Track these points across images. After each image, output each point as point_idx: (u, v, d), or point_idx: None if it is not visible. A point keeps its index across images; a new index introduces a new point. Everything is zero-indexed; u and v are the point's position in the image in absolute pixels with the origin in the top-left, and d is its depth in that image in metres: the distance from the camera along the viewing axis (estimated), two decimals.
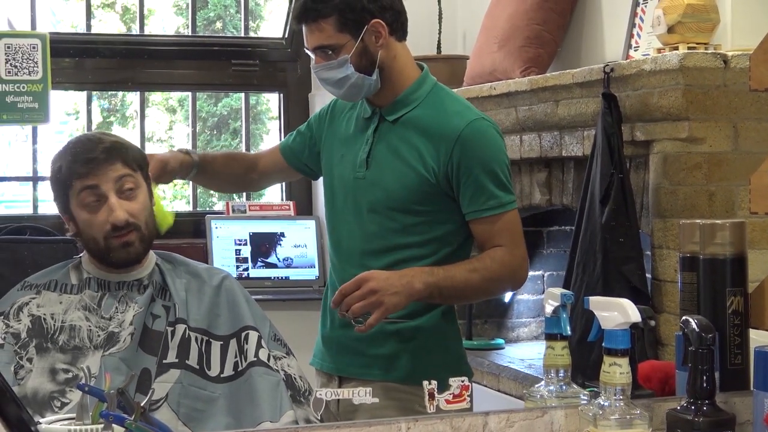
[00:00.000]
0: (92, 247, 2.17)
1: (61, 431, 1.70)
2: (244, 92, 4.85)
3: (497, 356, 3.63)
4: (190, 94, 4.92)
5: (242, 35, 4.96)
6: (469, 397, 1.69)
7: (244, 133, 4.79)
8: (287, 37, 4.61)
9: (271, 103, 5.49)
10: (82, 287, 2.17)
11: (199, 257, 2.78)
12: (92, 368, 2.06)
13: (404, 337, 2.34)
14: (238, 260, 4.28)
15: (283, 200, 4.62)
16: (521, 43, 3.42)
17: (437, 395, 1.67)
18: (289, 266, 4.34)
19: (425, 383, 1.68)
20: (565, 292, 1.77)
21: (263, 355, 2.15)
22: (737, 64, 2.61)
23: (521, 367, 3.42)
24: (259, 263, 4.31)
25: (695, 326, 1.72)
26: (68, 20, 5.55)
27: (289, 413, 2.08)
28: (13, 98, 4.11)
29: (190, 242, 4.26)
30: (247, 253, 4.30)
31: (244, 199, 4.57)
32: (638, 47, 3.08)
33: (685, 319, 1.76)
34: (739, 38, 2.76)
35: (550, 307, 1.78)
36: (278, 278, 4.31)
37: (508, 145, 2.64)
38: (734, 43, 2.76)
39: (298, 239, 4.38)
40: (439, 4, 3.99)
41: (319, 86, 2.48)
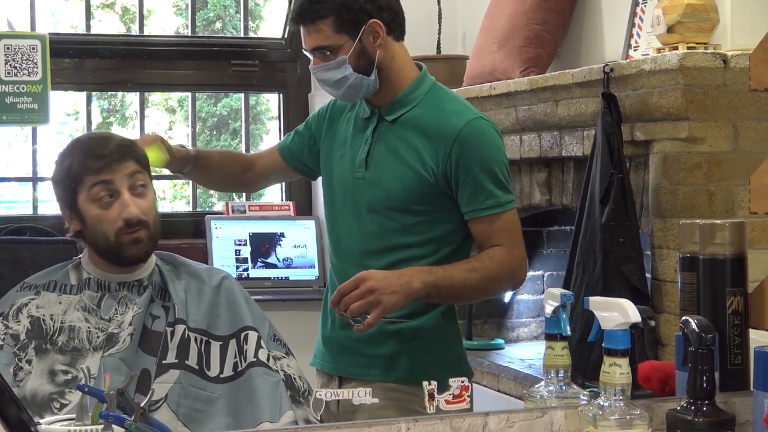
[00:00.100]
0: (101, 243, 2.15)
1: None
2: (243, 92, 4.84)
3: (497, 356, 3.63)
4: (189, 94, 4.91)
5: (242, 35, 4.96)
6: (468, 397, 1.69)
7: (243, 133, 4.78)
8: (287, 37, 4.61)
9: (270, 103, 5.47)
10: (81, 288, 2.16)
11: (198, 257, 2.77)
12: (92, 369, 2.06)
13: (404, 337, 2.34)
14: (237, 260, 4.28)
15: (282, 200, 4.61)
16: (521, 43, 3.42)
17: (437, 395, 1.67)
18: (288, 266, 4.33)
19: (425, 383, 1.68)
20: (565, 292, 1.77)
21: (263, 355, 2.15)
22: (737, 63, 2.60)
23: (521, 367, 3.42)
24: (258, 263, 4.31)
25: (695, 326, 1.72)
26: (68, 21, 5.54)
27: (288, 413, 2.08)
28: (12, 99, 4.11)
29: (189, 242, 4.26)
30: (246, 253, 4.30)
31: (243, 199, 4.57)
32: (638, 47, 3.08)
33: (685, 319, 1.76)
34: (738, 38, 2.76)
35: (549, 307, 1.78)
36: (278, 278, 4.31)
37: (507, 145, 2.64)
38: (734, 42, 2.76)
39: (297, 239, 4.38)
40: (438, 4, 3.99)
41: (318, 86, 2.48)
